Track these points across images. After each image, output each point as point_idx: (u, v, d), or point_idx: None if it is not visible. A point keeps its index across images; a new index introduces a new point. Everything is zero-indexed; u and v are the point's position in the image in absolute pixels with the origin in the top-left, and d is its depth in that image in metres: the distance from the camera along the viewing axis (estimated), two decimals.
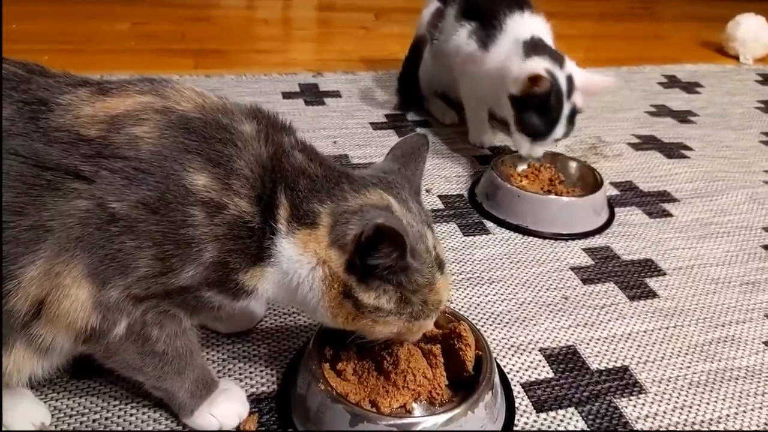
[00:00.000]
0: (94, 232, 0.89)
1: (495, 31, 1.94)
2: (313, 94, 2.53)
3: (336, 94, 2.56)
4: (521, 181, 1.93)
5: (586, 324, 1.45)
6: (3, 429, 1.03)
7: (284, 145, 1.03)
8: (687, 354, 1.38)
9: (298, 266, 0.99)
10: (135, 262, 0.91)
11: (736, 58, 3.48)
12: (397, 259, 0.94)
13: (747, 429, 1.22)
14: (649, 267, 1.67)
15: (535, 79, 1.75)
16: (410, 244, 0.95)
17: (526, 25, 1.92)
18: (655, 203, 1.97)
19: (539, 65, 1.79)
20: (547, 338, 1.40)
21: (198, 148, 0.94)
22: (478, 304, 1.48)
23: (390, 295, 0.99)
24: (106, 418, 1.12)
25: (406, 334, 1.07)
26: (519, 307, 1.48)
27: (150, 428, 1.11)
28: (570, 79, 1.81)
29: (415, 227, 1.02)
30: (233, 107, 1.03)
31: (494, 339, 1.38)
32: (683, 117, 2.66)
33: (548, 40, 1.93)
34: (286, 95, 2.50)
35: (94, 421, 1.12)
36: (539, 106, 1.80)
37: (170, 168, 0.91)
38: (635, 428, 1.20)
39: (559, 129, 1.84)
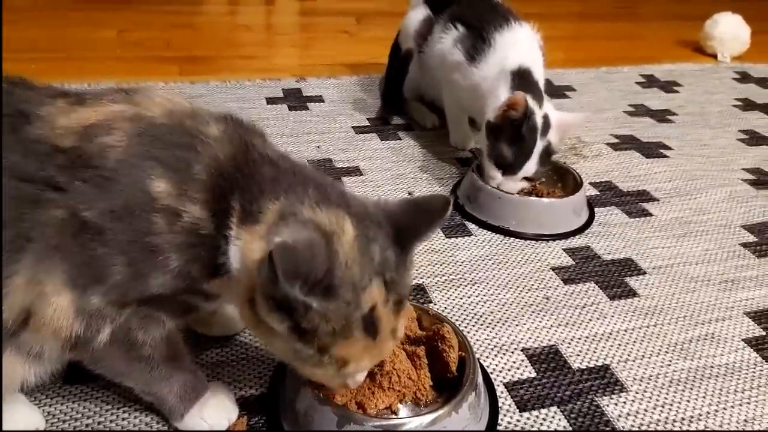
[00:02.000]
0: (70, 240, 0.89)
1: (484, 46, 1.94)
2: (296, 99, 2.54)
3: (319, 99, 2.57)
4: None
5: (567, 324, 1.47)
6: None
7: (249, 147, 0.99)
8: (667, 352, 1.40)
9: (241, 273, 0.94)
10: (108, 269, 0.91)
11: (714, 56, 3.50)
12: (272, 281, 0.83)
13: (727, 426, 1.25)
14: (629, 266, 1.69)
15: (512, 103, 1.73)
16: (316, 277, 0.85)
17: (515, 44, 1.92)
18: (635, 203, 2.00)
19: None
20: (530, 338, 1.42)
21: (160, 154, 0.93)
22: (461, 306, 1.50)
23: (281, 316, 0.89)
24: (99, 423, 1.14)
25: (303, 371, 1.00)
26: (501, 308, 1.50)
27: None
28: (546, 118, 1.80)
29: (355, 271, 0.90)
30: (203, 111, 1.02)
31: (477, 340, 1.40)
32: (662, 116, 2.68)
33: (538, 58, 1.94)
34: (270, 101, 2.51)
35: (87, 425, 1.13)
36: (512, 136, 1.77)
37: (135, 175, 0.91)
38: (617, 426, 1.22)
39: (530, 165, 1.80)
